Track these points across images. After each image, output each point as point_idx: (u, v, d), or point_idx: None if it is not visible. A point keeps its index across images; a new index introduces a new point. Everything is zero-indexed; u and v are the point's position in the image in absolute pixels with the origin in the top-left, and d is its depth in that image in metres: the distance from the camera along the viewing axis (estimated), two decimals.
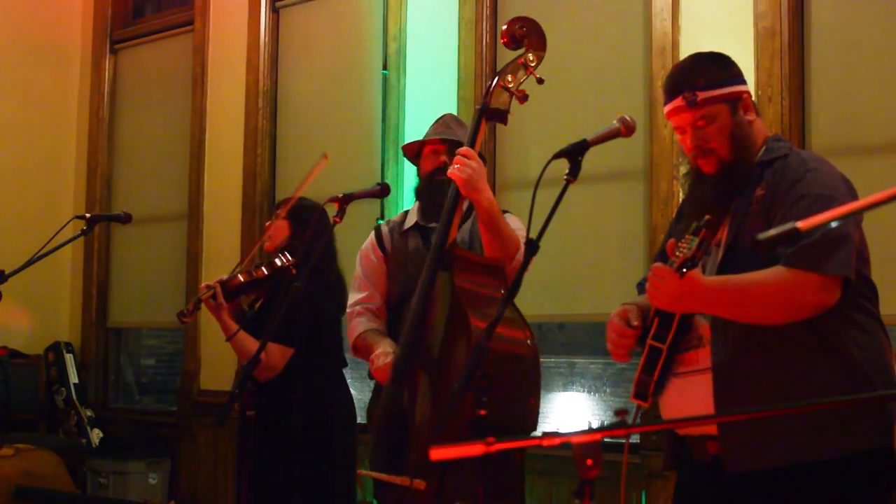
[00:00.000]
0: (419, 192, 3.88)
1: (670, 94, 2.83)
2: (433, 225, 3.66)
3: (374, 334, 3.78)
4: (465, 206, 3.54)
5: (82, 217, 4.45)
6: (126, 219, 4.63)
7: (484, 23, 5.57)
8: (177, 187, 7.14)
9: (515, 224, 3.65)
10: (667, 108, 2.85)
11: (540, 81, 3.43)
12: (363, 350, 3.77)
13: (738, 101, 2.80)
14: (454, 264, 3.39)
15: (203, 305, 4.38)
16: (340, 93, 6.35)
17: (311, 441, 4.36)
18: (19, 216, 7.40)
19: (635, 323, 2.79)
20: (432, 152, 3.80)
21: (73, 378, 7.37)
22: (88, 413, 7.25)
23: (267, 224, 4.70)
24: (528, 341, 3.27)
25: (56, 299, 7.70)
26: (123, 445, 6.80)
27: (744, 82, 2.85)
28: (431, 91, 5.82)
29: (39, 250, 4.30)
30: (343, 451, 4.46)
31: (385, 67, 6.04)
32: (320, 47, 6.53)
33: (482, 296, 3.36)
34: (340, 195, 3.71)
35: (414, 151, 3.97)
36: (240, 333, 4.32)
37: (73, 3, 7.90)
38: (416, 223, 3.82)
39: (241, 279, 4.40)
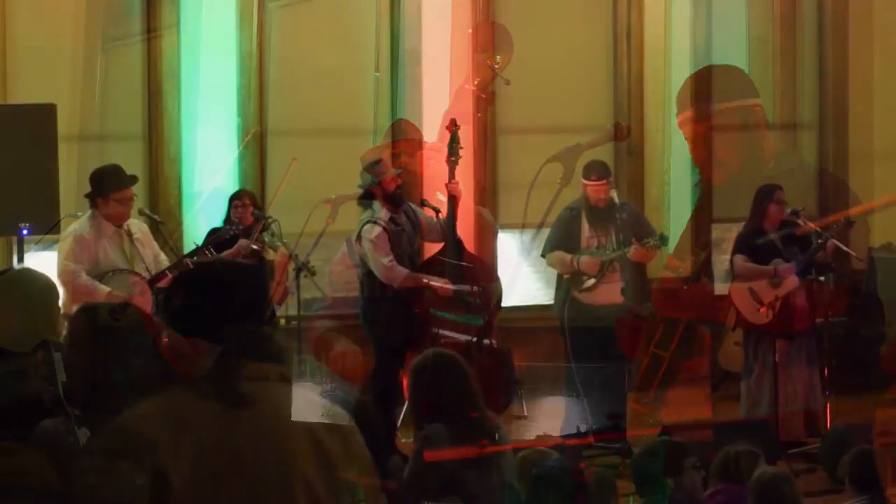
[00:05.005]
0: (388, 200, 3.96)
1: (683, 106, 2.82)
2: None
3: None
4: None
5: (73, 216, 4.44)
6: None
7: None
8: None
9: (488, 217, 3.95)
10: (679, 119, 2.84)
11: (506, 83, 3.50)
12: None
13: (749, 115, 2.80)
14: None
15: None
16: (333, 95, 6.31)
17: None
18: None
19: None
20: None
21: (61, 376, 7.32)
22: (76, 412, 7.20)
23: None
24: None
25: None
26: None
27: (756, 96, 2.85)
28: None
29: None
30: None
31: (377, 70, 6.01)
32: (313, 48, 6.49)
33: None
34: (333, 197, 3.72)
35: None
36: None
37: None
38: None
39: (169, 275, 4.44)
